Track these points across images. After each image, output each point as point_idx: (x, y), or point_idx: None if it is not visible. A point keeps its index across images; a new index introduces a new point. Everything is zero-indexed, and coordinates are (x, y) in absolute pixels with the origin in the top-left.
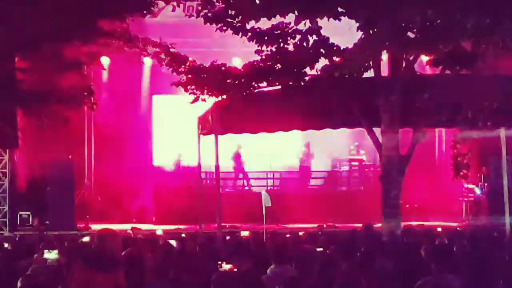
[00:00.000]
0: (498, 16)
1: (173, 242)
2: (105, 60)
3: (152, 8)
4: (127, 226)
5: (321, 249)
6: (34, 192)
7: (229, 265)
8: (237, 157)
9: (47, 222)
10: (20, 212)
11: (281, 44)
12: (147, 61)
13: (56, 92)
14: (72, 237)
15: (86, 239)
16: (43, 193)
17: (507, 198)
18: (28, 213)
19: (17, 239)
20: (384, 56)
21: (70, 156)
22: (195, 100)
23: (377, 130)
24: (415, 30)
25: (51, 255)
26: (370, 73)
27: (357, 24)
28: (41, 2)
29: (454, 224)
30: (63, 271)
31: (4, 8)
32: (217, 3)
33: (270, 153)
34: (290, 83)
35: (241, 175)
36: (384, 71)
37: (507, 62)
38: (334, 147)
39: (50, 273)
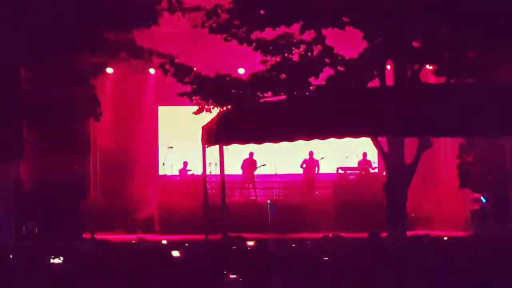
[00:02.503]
0: (500, 28)
1: (177, 253)
2: (110, 71)
3: (157, 19)
4: (132, 236)
5: (327, 258)
6: (40, 202)
7: (234, 275)
8: (249, 164)
9: (53, 232)
10: (26, 223)
11: (286, 54)
12: (152, 72)
13: (62, 103)
14: (77, 247)
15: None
16: (49, 203)
17: None
18: (34, 223)
19: (22, 249)
20: (389, 66)
21: (76, 167)
22: (200, 110)
23: (382, 139)
24: (419, 40)
25: (55, 261)
26: (375, 83)
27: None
28: (47, 14)
29: (460, 233)
30: (67, 282)
31: (10, 20)
32: (221, 14)
33: (277, 162)
34: (295, 93)
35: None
36: (389, 81)
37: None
38: (340, 156)
39: (53, 285)
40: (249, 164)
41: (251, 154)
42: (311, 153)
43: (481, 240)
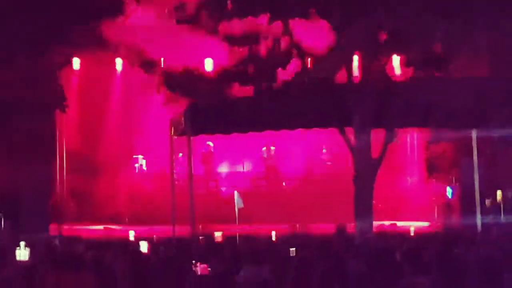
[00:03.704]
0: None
1: (144, 244)
2: (75, 62)
3: (123, 10)
4: (100, 227)
5: (294, 250)
6: (6, 196)
7: (203, 265)
8: (208, 157)
9: (20, 226)
10: None
11: (254, 46)
12: (119, 63)
13: (28, 101)
14: (44, 240)
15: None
16: (16, 197)
17: (478, 199)
18: (0, 215)
19: None
20: (356, 58)
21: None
22: (167, 101)
23: (349, 131)
24: (386, 32)
25: (22, 253)
26: (342, 75)
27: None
28: (11, 11)
29: (426, 225)
30: (35, 274)
31: None
32: (189, 4)
33: (242, 154)
34: (263, 85)
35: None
36: (356, 73)
37: (478, 63)
38: (307, 148)
39: (22, 277)
40: (208, 156)
41: (209, 146)
42: (267, 144)
43: (447, 232)
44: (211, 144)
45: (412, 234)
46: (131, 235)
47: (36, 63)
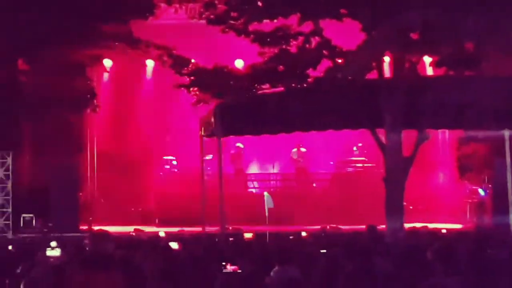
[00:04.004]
0: (498, 16)
1: (175, 244)
2: (107, 63)
3: (154, 10)
4: (130, 228)
5: (324, 250)
6: (37, 194)
7: (232, 266)
8: (237, 158)
9: (50, 224)
10: (23, 215)
11: (284, 46)
12: (150, 63)
13: (59, 95)
14: (74, 239)
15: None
16: (47, 196)
17: (511, 199)
18: (31, 215)
19: (20, 241)
20: (387, 58)
21: (71, 160)
22: (197, 102)
23: (380, 132)
24: (417, 32)
25: (53, 252)
26: (373, 75)
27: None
28: (45, 5)
29: (458, 226)
30: (65, 273)
31: (8, 11)
32: (219, 5)
33: (272, 154)
34: (293, 85)
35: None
36: (387, 73)
37: (510, 62)
38: (337, 148)
39: (52, 276)
40: (237, 157)
41: (239, 148)
42: (298, 145)
43: (479, 232)
44: (241, 145)
45: (443, 233)
46: (161, 235)
47: (67, 57)
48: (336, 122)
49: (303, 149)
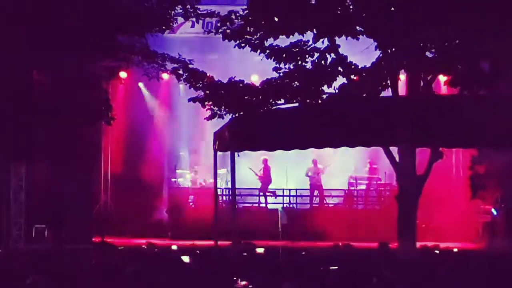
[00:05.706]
0: None
1: (186, 258)
2: (123, 75)
3: (171, 24)
4: (142, 241)
5: (336, 267)
6: (50, 205)
7: (244, 281)
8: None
9: (63, 236)
10: (36, 225)
11: (299, 62)
12: (165, 77)
13: (74, 107)
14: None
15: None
16: (60, 207)
17: None
18: (44, 226)
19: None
20: (402, 76)
21: (88, 170)
22: (212, 116)
23: (394, 150)
24: (433, 50)
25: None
26: (387, 92)
27: (375, 43)
28: (61, 17)
29: (470, 245)
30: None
31: (24, 23)
32: (236, 20)
33: (286, 170)
34: (308, 101)
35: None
36: (402, 91)
37: None
38: (350, 165)
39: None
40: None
41: (265, 160)
42: (315, 162)
43: (491, 253)
44: (266, 157)
45: (455, 251)
46: (174, 249)
47: (83, 69)
48: (350, 139)
49: (320, 166)
